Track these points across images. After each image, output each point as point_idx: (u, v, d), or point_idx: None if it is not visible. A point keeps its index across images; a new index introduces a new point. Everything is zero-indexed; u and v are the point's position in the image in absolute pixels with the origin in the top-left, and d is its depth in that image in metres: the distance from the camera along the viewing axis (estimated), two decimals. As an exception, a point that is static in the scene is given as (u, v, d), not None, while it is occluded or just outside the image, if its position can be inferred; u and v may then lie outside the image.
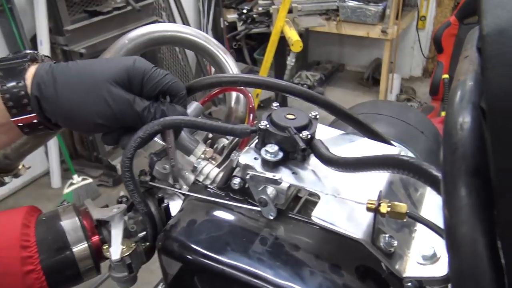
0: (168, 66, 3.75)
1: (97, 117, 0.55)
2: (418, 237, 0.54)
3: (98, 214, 0.60)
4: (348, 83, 4.55)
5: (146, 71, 0.58)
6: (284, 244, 0.54)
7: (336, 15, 3.79)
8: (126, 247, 0.59)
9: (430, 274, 0.48)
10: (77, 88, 0.55)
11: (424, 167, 0.40)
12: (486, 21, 0.29)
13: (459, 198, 0.32)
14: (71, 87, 0.55)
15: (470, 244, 0.31)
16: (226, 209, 0.59)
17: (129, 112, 0.56)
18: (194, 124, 0.57)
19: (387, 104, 1.54)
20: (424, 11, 4.20)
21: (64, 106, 0.54)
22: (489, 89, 0.28)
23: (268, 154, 0.56)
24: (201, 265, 0.53)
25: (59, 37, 2.81)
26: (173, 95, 0.61)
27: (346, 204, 0.52)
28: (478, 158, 0.32)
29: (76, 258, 0.58)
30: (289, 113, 0.60)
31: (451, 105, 0.36)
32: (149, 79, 0.58)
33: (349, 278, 0.50)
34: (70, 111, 0.55)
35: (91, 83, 0.55)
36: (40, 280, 0.55)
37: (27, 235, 0.55)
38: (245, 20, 3.10)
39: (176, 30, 0.74)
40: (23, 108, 0.54)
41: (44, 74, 0.54)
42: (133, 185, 0.59)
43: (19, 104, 0.54)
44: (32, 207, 0.60)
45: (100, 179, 3.20)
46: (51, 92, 0.54)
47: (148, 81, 0.57)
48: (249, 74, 0.63)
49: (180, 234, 0.56)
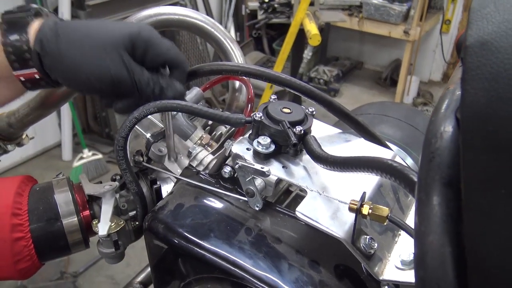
0: (186, 49, 3.76)
1: (95, 79, 0.55)
2: (401, 242, 0.54)
3: (90, 189, 0.61)
4: (365, 81, 4.50)
5: (151, 40, 0.57)
6: (267, 236, 0.54)
7: (359, 12, 3.75)
8: (114, 224, 0.61)
9: (407, 279, 0.48)
10: (80, 47, 0.54)
11: (404, 171, 0.41)
12: (470, 32, 0.28)
13: (430, 207, 0.32)
14: (75, 45, 0.54)
15: (437, 252, 0.31)
16: (215, 196, 0.60)
17: (127, 80, 0.56)
18: (189, 109, 0.58)
19: (396, 106, 1.53)
20: (450, 15, 4.12)
21: (65, 63, 0.54)
22: (465, 101, 0.28)
23: (260, 146, 0.56)
24: (183, 249, 0.54)
25: (80, 11, 2.84)
26: (175, 67, 0.61)
27: (332, 202, 0.53)
28: (453, 169, 0.32)
29: (65, 230, 0.59)
30: (286, 107, 0.60)
31: (436, 113, 0.36)
32: (153, 48, 0.57)
33: (326, 275, 0.51)
34: (70, 69, 0.54)
35: (95, 44, 0.55)
36: (28, 248, 0.56)
37: (19, 203, 0.57)
38: (266, 9, 3.09)
39: (184, 14, 0.74)
40: (25, 63, 0.54)
41: (47, 30, 0.54)
42: (126, 164, 0.59)
43: (21, 58, 0.54)
44: (27, 177, 0.62)
45: (110, 156, 3.24)
46: (53, 48, 0.54)
47: (151, 50, 0.57)
48: (252, 65, 0.63)
49: (167, 216, 0.57)
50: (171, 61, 0.60)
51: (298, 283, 0.49)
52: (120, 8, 2.97)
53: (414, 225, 0.33)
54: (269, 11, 3.10)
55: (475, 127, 0.27)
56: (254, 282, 0.50)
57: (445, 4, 4.03)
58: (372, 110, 1.20)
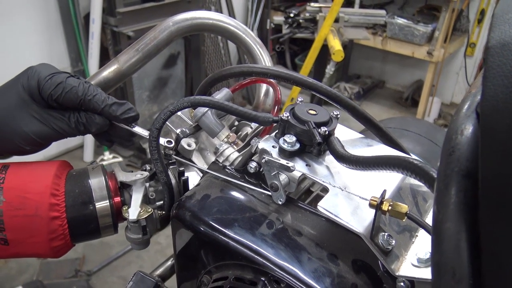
0: (209, 59, 3.84)
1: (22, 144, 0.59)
2: (418, 243, 0.55)
3: (122, 176, 0.65)
4: (386, 100, 4.51)
5: (39, 83, 0.58)
6: (288, 229, 0.57)
7: (383, 31, 3.78)
8: (143, 210, 0.64)
9: (422, 275, 0.50)
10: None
11: (425, 168, 0.43)
12: (493, 34, 0.31)
13: (448, 196, 0.34)
14: None
15: (453, 238, 0.33)
16: (240, 189, 0.63)
17: (47, 132, 0.60)
18: (220, 106, 0.61)
19: (416, 122, 1.54)
20: (475, 38, 4.12)
21: None
22: (485, 96, 0.30)
23: (286, 143, 0.59)
24: (208, 236, 0.57)
25: (110, 18, 2.95)
26: (80, 105, 0.60)
27: (353, 200, 0.55)
28: (471, 162, 0.34)
29: (97, 213, 0.62)
30: (311, 109, 0.63)
31: (457, 113, 0.39)
32: (43, 92, 0.59)
33: (344, 268, 0.53)
34: None
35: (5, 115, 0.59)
36: (63, 228, 0.60)
37: (57, 184, 0.60)
38: (291, 24, 3.14)
39: (218, 19, 0.78)
40: None
41: None
42: (158, 155, 0.63)
43: None
44: (65, 162, 0.66)
45: (130, 160, 3.32)
46: None
47: (43, 95, 0.59)
48: (280, 68, 0.67)
49: (193, 205, 0.60)
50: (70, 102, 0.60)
51: (317, 273, 0.51)
52: (148, 17, 3.07)
53: (433, 214, 0.35)
54: (294, 26, 3.16)
55: (493, 120, 0.30)
56: (275, 270, 0.52)
57: (471, 27, 4.03)
58: (392, 124, 1.22)
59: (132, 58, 0.74)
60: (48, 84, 0.58)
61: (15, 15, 2.79)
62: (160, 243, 2.68)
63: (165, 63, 3.57)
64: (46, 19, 2.96)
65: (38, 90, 0.58)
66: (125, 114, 0.62)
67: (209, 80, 0.74)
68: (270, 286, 0.52)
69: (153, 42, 0.75)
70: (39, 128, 0.59)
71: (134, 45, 0.75)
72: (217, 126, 0.72)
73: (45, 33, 2.98)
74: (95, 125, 0.62)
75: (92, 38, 2.98)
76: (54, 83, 0.59)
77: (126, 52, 0.75)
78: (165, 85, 3.65)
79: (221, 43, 3.91)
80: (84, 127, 0.62)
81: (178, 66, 3.70)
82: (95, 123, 0.62)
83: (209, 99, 0.61)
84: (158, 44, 0.75)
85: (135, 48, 0.75)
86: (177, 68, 3.70)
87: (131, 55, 0.74)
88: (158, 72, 3.55)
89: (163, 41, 0.75)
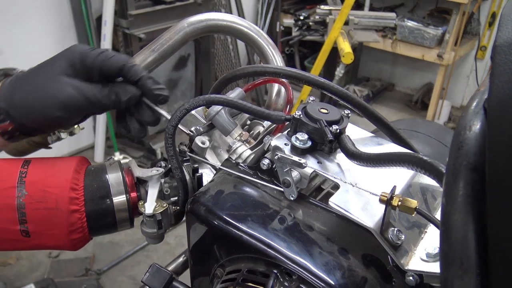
0: (219, 61, 3.87)
1: (51, 109, 0.60)
2: (427, 238, 0.57)
3: (139, 172, 0.67)
4: (395, 103, 4.50)
5: (82, 54, 0.61)
6: (300, 224, 0.58)
7: (392, 34, 3.78)
8: (159, 205, 0.66)
9: (431, 269, 0.51)
10: (30, 90, 0.61)
11: (434, 163, 0.44)
12: (500, 33, 0.33)
13: (456, 189, 0.36)
14: (25, 89, 0.61)
15: (461, 229, 0.35)
16: (252, 185, 0.65)
17: (78, 99, 0.61)
18: (234, 104, 0.63)
19: (426, 123, 1.55)
20: (486, 41, 4.10)
21: (24, 107, 0.61)
22: (492, 92, 0.32)
23: (298, 141, 0.61)
24: (222, 230, 0.59)
25: (122, 20, 2.99)
26: (121, 72, 0.63)
27: (363, 196, 0.56)
28: (479, 156, 0.36)
29: (115, 208, 0.65)
30: (323, 108, 0.64)
31: (466, 110, 0.40)
32: (86, 61, 0.61)
33: (354, 262, 0.55)
34: (28, 112, 0.61)
35: (40, 81, 0.61)
36: (82, 221, 0.62)
37: (77, 179, 0.63)
38: (301, 26, 3.16)
39: (232, 21, 0.80)
40: None
41: (7, 85, 0.62)
42: (173, 151, 0.65)
43: None
44: (84, 158, 0.68)
45: (140, 160, 3.35)
46: (12, 99, 0.61)
47: (86, 64, 0.61)
48: (293, 68, 0.68)
49: (208, 200, 0.62)
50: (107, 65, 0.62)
51: (328, 266, 0.53)
52: (160, 19, 3.11)
53: (441, 206, 0.37)
54: (304, 29, 3.18)
55: (500, 114, 0.31)
56: (287, 263, 0.54)
57: (482, 30, 4.02)
58: (402, 126, 1.23)
59: (148, 57, 0.76)
60: (92, 54, 0.61)
61: (29, 17, 2.84)
62: (169, 243, 2.71)
63: (175, 65, 3.61)
64: (59, 21, 3.01)
65: (81, 60, 0.61)
66: (159, 91, 0.64)
67: (222, 80, 0.76)
68: (282, 278, 0.54)
69: (169, 43, 0.77)
70: (70, 95, 0.60)
71: (150, 46, 0.77)
72: (230, 124, 0.74)
73: (58, 35, 3.03)
74: (127, 94, 0.63)
75: (104, 40, 3.02)
76: (97, 52, 0.62)
77: (142, 52, 0.77)
78: (175, 87, 3.69)
79: (231, 45, 3.94)
80: (116, 95, 0.63)
81: (188, 68, 3.74)
82: (128, 91, 0.63)
83: (224, 98, 0.63)
84: (174, 45, 0.77)
85: (151, 49, 0.77)
86: (187, 70, 3.74)
87: (147, 55, 0.77)
88: (168, 74, 3.59)
89: (178, 41, 0.78)
